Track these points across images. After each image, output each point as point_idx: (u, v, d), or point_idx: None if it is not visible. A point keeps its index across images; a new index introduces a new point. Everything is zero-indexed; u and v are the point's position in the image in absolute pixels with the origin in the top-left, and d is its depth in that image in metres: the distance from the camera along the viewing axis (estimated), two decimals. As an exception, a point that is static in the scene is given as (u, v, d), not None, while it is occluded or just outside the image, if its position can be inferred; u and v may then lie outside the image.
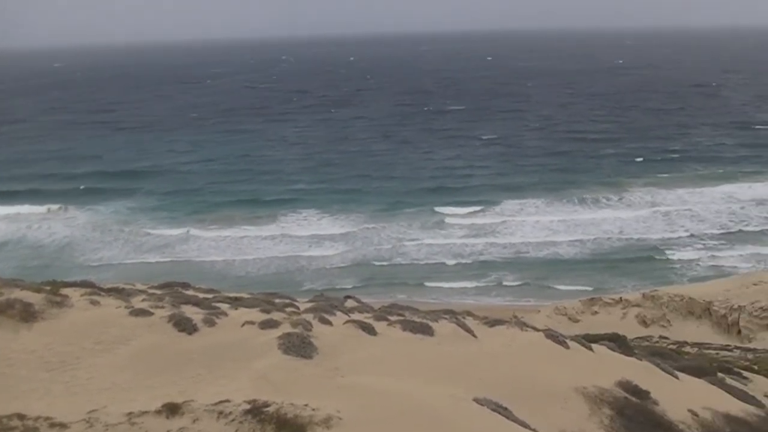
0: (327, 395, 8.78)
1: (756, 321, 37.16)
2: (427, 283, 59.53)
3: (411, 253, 66.21)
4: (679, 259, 63.26)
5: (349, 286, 56.87)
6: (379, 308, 15.68)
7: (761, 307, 37.57)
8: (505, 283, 59.51)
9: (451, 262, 64.18)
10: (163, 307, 12.52)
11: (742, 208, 75.99)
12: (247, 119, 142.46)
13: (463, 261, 64.22)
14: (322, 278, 60.57)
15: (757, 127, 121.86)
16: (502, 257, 64.95)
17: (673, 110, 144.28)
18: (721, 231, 69.74)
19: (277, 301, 15.66)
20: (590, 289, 55.18)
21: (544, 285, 58.90)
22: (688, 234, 69.38)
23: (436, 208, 77.15)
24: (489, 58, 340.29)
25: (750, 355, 27.04)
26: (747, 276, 46.40)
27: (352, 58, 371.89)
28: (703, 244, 66.79)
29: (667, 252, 65.36)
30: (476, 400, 9.34)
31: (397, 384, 9.59)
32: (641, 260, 63.89)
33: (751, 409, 13.64)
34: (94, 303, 12.43)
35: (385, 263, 64.26)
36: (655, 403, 11.39)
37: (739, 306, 38.44)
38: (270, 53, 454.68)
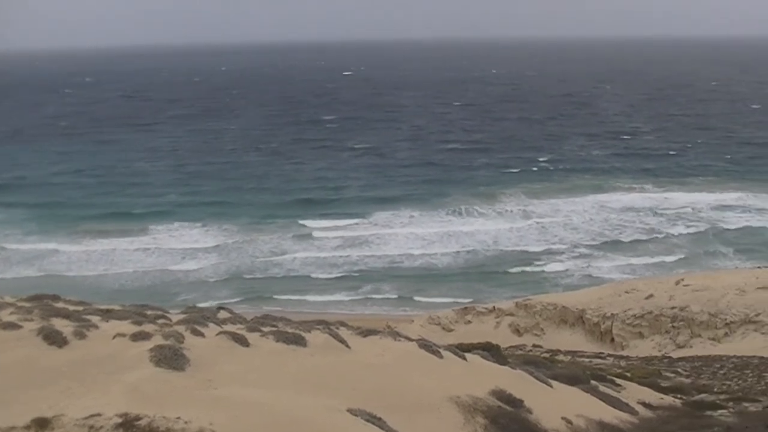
0: (200, 407, 8.66)
1: (628, 329, 38.71)
2: (301, 295, 60.11)
3: (285, 265, 66.82)
4: (554, 270, 65.32)
5: (223, 298, 56.52)
6: (252, 319, 15.58)
7: (634, 315, 39.16)
8: (379, 293, 60.67)
9: (325, 273, 64.89)
10: (32, 320, 12.08)
11: (615, 217, 79.35)
12: (118, 129, 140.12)
13: (337, 272, 65.00)
14: (195, 290, 60.41)
15: (627, 137, 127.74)
16: (377, 268, 65.98)
17: (546, 120, 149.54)
18: (595, 240, 72.42)
19: (148, 313, 15.31)
20: (464, 299, 56.10)
21: (418, 295, 60.11)
22: (561, 243, 71.71)
23: (309, 221, 77.69)
24: (362, 68, 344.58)
25: (623, 363, 28.11)
26: (619, 284, 48.27)
27: (223, 68, 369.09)
28: (578, 253, 69.25)
29: (541, 261, 67.37)
30: (350, 411, 9.33)
31: (271, 395, 9.53)
32: (515, 270, 65.62)
33: (625, 416, 14.11)
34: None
35: (258, 275, 64.67)
36: (529, 411, 11.62)
37: (611, 314, 39.93)
38: (149, 63, 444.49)
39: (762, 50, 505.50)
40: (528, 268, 65.88)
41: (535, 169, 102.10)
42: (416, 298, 59.49)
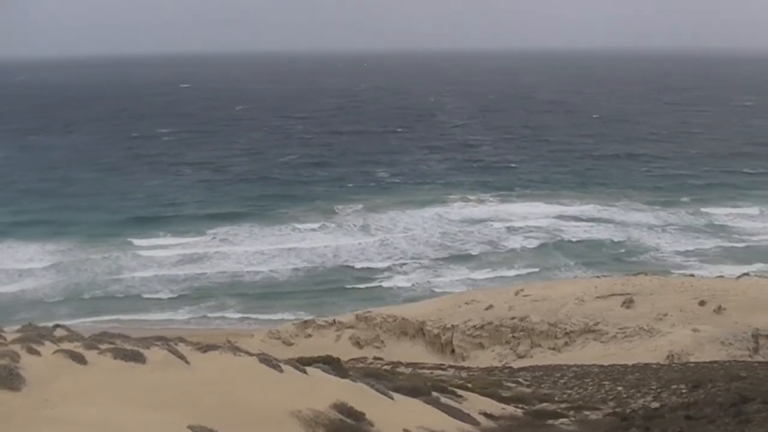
0: (36, 428, 8.39)
1: (469, 339, 39.79)
2: (141, 313, 60.02)
3: (124, 282, 66.29)
4: (395, 283, 66.62)
5: (62, 317, 54.51)
6: (90, 337, 15.15)
7: (474, 326, 40.28)
8: (219, 309, 60.95)
9: (165, 290, 64.69)
10: None
11: (456, 229, 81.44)
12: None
13: (177, 289, 64.92)
14: (34, 309, 58.52)
15: (467, 149, 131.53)
16: (217, 284, 66.19)
17: (385, 133, 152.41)
18: (436, 252, 74.16)
19: (-17, 333, 14.67)
20: (305, 313, 56.49)
21: (258, 310, 60.77)
22: (402, 256, 73.13)
23: (147, 238, 76.72)
24: (200, 81, 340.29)
25: (464, 374, 28.80)
26: (459, 295, 49.56)
27: (53, 83, 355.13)
28: (419, 265, 70.82)
29: (382, 274, 68.65)
30: (190, 428, 9.21)
31: (109, 413, 9.33)
32: (356, 283, 66.82)
33: (467, 426, 14.50)
34: None
35: (98, 293, 63.86)
36: (371, 424, 11.78)
37: (452, 325, 40.92)
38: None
39: (602, 62, 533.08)
40: (369, 282, 67.06)
41: (374, 182, 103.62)
42: (257, 313, 60.04)
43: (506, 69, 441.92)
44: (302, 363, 15.27)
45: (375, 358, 37.18)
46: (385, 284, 66.53)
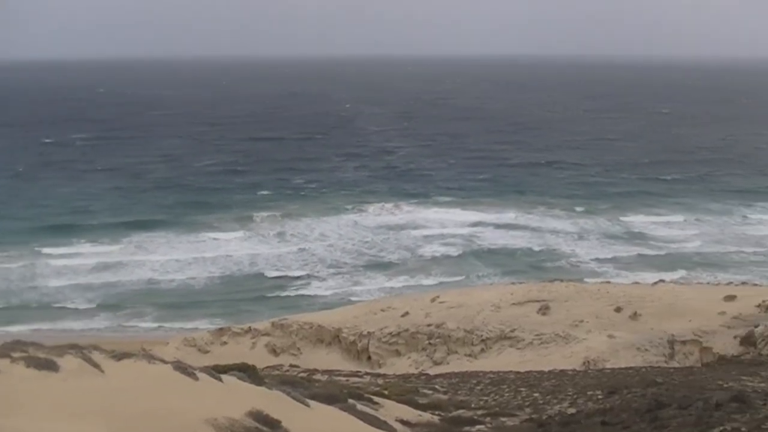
0: None
1: (385, 347, 40.01)
2: (56, 321, 59.21)
3: (40, 290, 65.42)
4: (311, 289, 66.84)
5: None
6: (2, 345, 14.87)
7: (390, 333, 40.53)
8: (135, 317, 60.48)
9: (80, 298, 63.87)
10: None
11: (373, 236, 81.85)
12: None
13: (93, 297, 64.12)
14: None
15: (385, 156, 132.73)
16: (132, 292, 65.64)
17: (301, 140, 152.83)
18: (353, 259, 74.53)
19: None
20: (222, 320, 56.26)
21: (174, 317, 60.47)
22: (319, 263, 73.32)
23: (60, 247, 75.39)
24: (116, 86, 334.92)
25: (380, 381, 28.94)
26: (375, 302, 49.82)
27: None
28: (335, 272, 71.06)
29: (299, 281, 68.76)
30: (103, 437, 9.23)
31: (22, 422, 9.24)
32: (273, 290, 66.86)
33: (383, 433, 14.75)
34: None
35: (12, 301, 63.12)
36: (287, 431, 11.90)
37: (368, 332, 41.11)
38: None
39: (518, 68, 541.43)
40: (285, 289, 67.08)
41: (290, 189, 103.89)
42: (172, 321, 59.62)
43: (423, 75, 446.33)
44: (218, 371, 15.22)
45: (291, 366, 37.12)
46: (302, 292, 66.58)
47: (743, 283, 55.55)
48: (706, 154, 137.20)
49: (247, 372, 17.38)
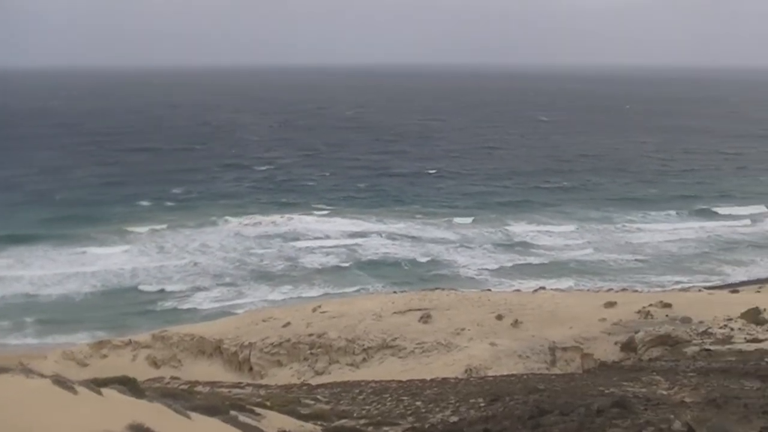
0: None
1: (267, 357, 39.86)
2: None
3: None
4: (192, 300, 66.10)
5: None
6: None
7: (272, 343, 40.41)
8: (13, 330, 58.87)
9: None
10: None
11: (253, 246, 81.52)
12: None
13: None
14: None
15: (264, 166, 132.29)
16: (10, 306, 63.74)
17: (180, 151, 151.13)
18: (236, 269, 74.06)
19: None
20: (103, 333, 54.95)
21: (54, 330, 58.91)
22: (200, 274, 72.60)
23: None
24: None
25: (262, 392, 28.87)
26: (256, 312, 49.60)
27: None
28: (217, 282, 70.45)
29: (180, 293, 67.87)
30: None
31: None
32: (153, 303, 65.80)
33: (266, 444, 14.79)
34: None
35: None
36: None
37: (249, 343, 40.89)
38: None
39: (398, 78, 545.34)
40: (166, 301, 66.10)
41: (170, 201, 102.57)
42: (51, 334, 58.07)
43: (301, 85, 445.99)
44: (97, 384, 14.99)
45: (172, 378, 36.70)
46: (183, 303, 65.69)
47: (623, 289, 57.44)
48: (588, 162, 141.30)
49: (128, 385, 17.14)
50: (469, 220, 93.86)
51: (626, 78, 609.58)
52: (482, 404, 21.24)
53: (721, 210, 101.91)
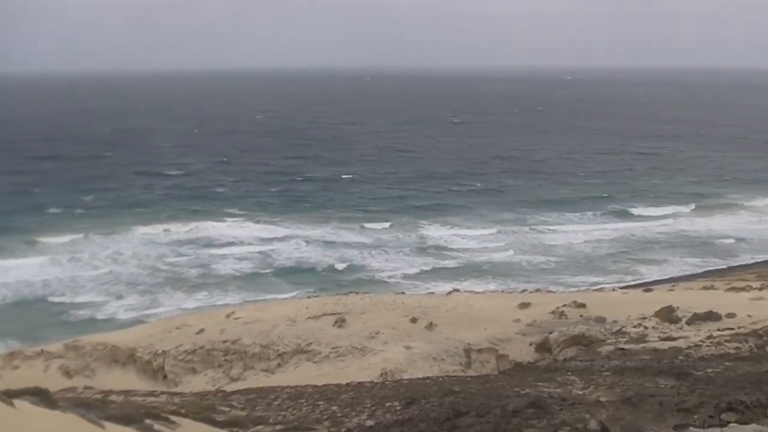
0: None
1: (181, 365, 39.50)
2: None
3: None
4: (107, 311, 65.26)
5: None
6: None
7: (185, 351, 40.06)
8: None
9: None
10: None
11: (168, 253, 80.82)
12: None
13: None
14: None
15: (177, 172, 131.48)
16: None
17: (90, 158, 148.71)
18: (148, 277, 73.32)
19: None
20: (14, 344, 53.89)
21: None
22: (115, 282, 71.83)
23: None
24: None
25: (177, 399, 28.65)
26: (170, 320, 49.09)
27: None
28: (131, 290, 69.66)
29: (94, 301, 67.01)
30: None
31: None
32: (66, 312, 64.84)
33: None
34: None
35: None
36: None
37: (163, 351, 40.44)
38: None
39: (314, 81, 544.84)
40: (80, 310, 65.10)
41: (81, 209, 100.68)
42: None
43: (216, 90, 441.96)
44: (9, 395, 14.80)
45: (86, 387, 36.11)
46: (97, 312, 64.75)
47: (537, 290, 58.26)
48: (502, 164, 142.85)
49: (40, 396, 16.92)
50: (384, 224, 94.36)
51: (539, 80, 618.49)
52: (398, 407, 21.29)
53: (635, 210, 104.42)
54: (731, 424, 10.69)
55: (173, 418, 19.67)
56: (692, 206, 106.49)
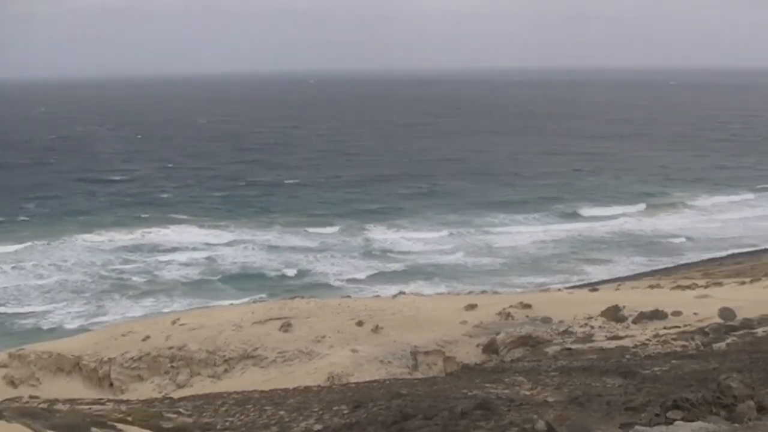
0: None
1: (127, 372, 39.20)
2: None
3: None
4: (53, 319, 64.47)
5: None
6: None
7: (131, 358, 39.77)
8: None
9: None
10: None
11: (112, 260, 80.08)
12: None
13: None
14: None
15: (119, 177, 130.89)
16: None
17: (31, 165, 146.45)
18: (94, 285, 72.69)
19: None
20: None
21: None
22: (60, 289, 71.04)
23: None
24: None
25: (123, 407, 28.38)
26: (115, 327, 48.58)
27: None
28: (76, 298, 69.00)
29: (39, 310, 66.28)
30: None
31: None
32: (10, 321, 64.10)
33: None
34: None
35: None
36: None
37: (109, 358, 40.10)
38: None
39: (256, 86, 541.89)
40: (24, 318, 64.38)
41: (23, 216, 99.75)
42: None
43: (160, 95, 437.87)
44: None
45: (31, 397, 35.59)
46: (43, 322, 63.94)
47: (483, 292, 58.26)
48: (449, 166, 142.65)
49: (-16, 407, 16.87)
50: (330, 228, 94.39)
51: (485, 81, 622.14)
52: (346, 411, 21.21)
53: (582, 210, 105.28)
54: (677, 422, 10.88)
55: (120, 426, 19.65)
56: (638, 206, 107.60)
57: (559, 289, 58.64)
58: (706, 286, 49.76)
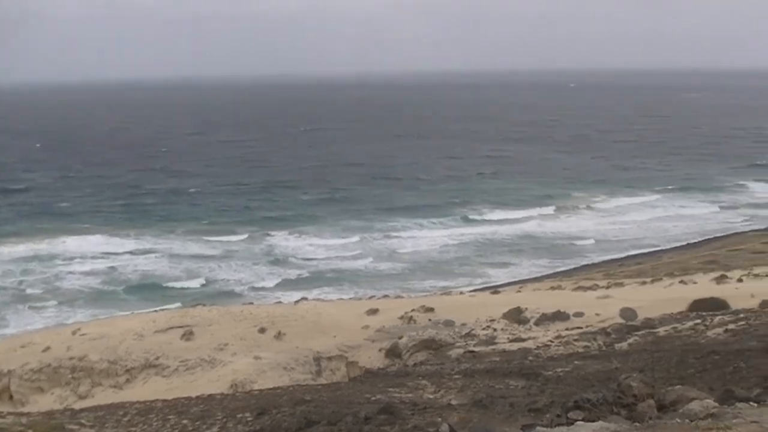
0: None
1: (27, 384, 38.51)
2: None
3: None
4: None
5: None
6: None
7: (32, 369, 39.07)
8: None
9: None
10: None
11: (9, 270, 78.30)
12: None
13: None
14: None
15: (20, 186, 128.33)
16: None
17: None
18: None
19: None
20: None
21: None
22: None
23: None
24: None
25: (24, 420, 27.87)
26: (14, 339, 47.66)
27: None
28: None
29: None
30: None
31: None
32: None
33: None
34: None
35: None
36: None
37: (8, 370, 39.31)
38: None
39: (162, 91, 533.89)
40: None
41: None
42: None
43: (64, 103, 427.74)
44: None
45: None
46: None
47: (385, 296, 58.94)
48: (352, 171, 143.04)
49: None
50: (232, 236, 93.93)
51: (389, 84, 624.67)
52: (249, 418, 21.18)
53: (484, 214, 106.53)
54: (578, 422, 11.06)
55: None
56: (540, 208, 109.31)
57: (462, 293, 59.29)
58: (607, 287, 50.75)
